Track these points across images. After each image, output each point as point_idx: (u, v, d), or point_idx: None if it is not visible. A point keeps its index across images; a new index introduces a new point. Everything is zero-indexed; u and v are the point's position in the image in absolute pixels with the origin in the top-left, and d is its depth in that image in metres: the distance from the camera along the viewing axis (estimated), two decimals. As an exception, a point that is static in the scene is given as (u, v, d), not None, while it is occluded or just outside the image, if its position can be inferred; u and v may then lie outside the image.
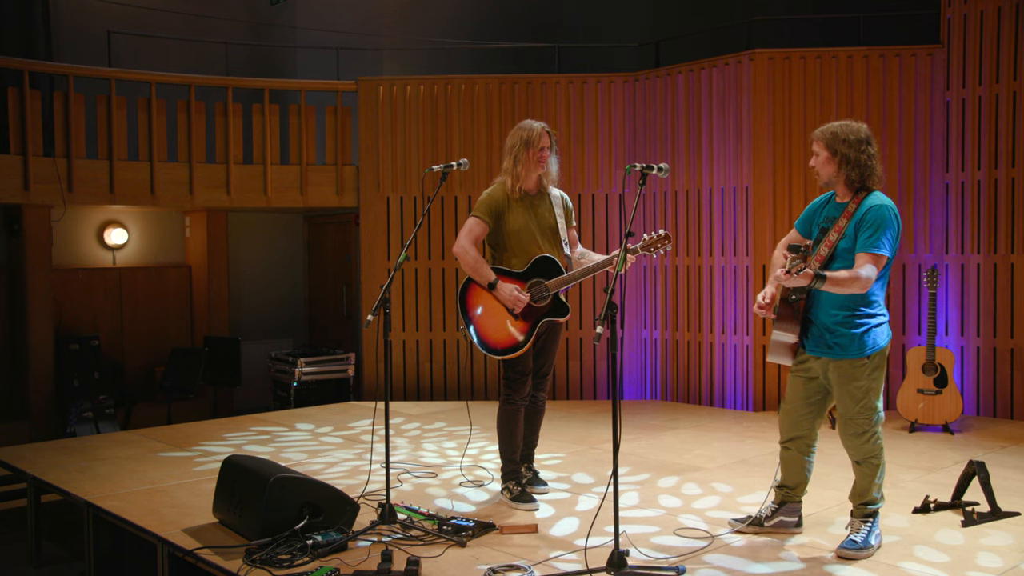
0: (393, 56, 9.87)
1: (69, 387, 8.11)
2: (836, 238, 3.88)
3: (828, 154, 3.92)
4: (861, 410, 3.92)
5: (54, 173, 7.78)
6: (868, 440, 3.94)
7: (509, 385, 4.72)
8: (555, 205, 4.78)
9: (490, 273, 4.60)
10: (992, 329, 7.09)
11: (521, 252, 4.67)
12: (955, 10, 7.31)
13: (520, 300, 4.53)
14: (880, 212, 3.81)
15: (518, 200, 4.70)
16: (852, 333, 3.87)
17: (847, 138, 3.89)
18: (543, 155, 4.70)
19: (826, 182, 3.99)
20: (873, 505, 3.99)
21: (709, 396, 7.82)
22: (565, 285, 4.60)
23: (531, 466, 5.05)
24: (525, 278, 4.64)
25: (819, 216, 4.08)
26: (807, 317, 3.97)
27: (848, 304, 3.86)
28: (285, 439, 6.55)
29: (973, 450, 5.89)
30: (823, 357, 3.97)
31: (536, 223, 4.71)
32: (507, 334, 4.59)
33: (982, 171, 7.15)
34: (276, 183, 8.60)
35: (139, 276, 9.32)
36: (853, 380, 3.90)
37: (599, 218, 8.23)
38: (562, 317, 4.67)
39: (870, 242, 3.78)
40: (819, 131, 3.99)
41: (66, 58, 9.00)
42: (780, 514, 4.24)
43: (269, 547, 3.84)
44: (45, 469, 5.46)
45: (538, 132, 4.68)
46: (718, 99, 7.74)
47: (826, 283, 3.66)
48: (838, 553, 3.90)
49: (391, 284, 4.44)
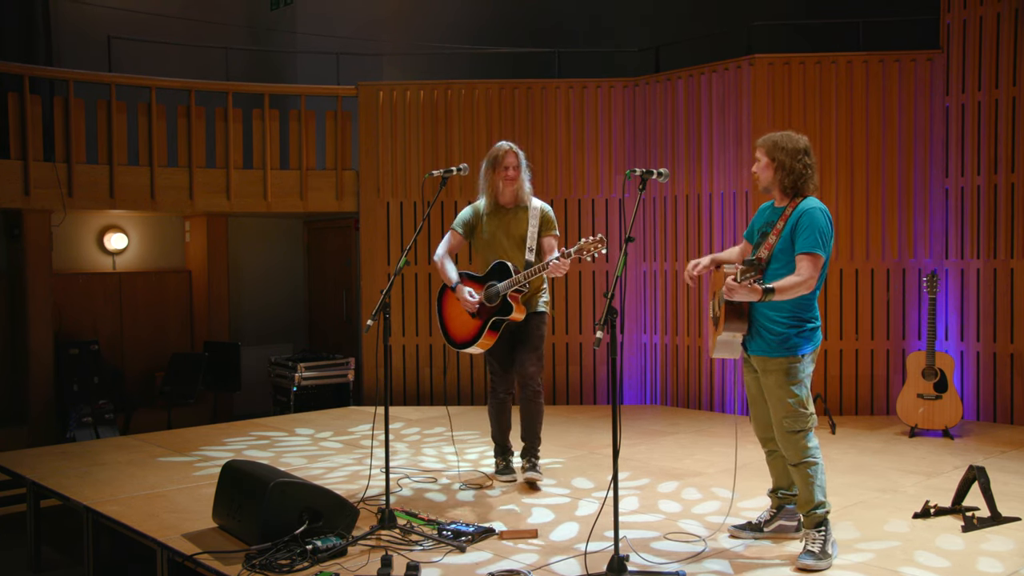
0: (393, 61, 9.88)
1: (69, 392, 8.10)
2: (774, 241, 4.02)
3: (767, 160, 4.09)
4: (790, 411, 3.96)
5: (54, 178, 7.79)
6: (799, 440, 3.97)
7: (491, 375, 5.34)
8: (531, 216, 5.16)
9: (452, 277, 5.14)
10: (992, 334, 7.09)
11: (489, 258, 5.19)
12: (955, 16, 7.32)
13: (468, 301, 5.02)
14: (812, 215, 3.95)
15: (490, 213, 5.20)
16: (782, 333, 3.97)
17: (785, 146, 4.05)
18: (507, 174, 5.12)
19: (765, 187, 4.14)
20: (821, 510, 3.95)
21: (709, 401, 7.82)
22: (511, 288, 4.97)
23: (530, 459, 5.28)
24: (483, 281, 5.13)
25: (759, 222, 4.23)
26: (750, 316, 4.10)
27: (778, 306, 3.96)
28: (285, 444, 6.54)
29: (973, 455, 5.88)
30: (759, 355, 4.05)
31: (505, 232, 5.17)
32: (466, 330, 5.14)
33: (982, 176, 7.16)
34: (276, 188, 8.61)
35: (139, 281, 9.32)
36: (782, 383, 3.97)
37: (599, 223, 8.23)
38: (506, 315, 5.01)
39: (807, 243, 3.91)
40: (761, 139, 4.16)
41: (66, 63, 9.01)
42: (779, 519, 4.26)
43: (269, 552, 3.84)
44: (45, 474, 5.46)
45: (502, 152, 5.13)
46: (718, 104, 7.75)
47: (775, 295, 3.80)
48: (797, 566, 3.82)
49: (391, 289, 4.46)
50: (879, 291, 7.42)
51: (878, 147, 7.41)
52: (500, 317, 5.00)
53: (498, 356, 5.22)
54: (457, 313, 5.19)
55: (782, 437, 4.02)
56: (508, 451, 5.47)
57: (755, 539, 4.21)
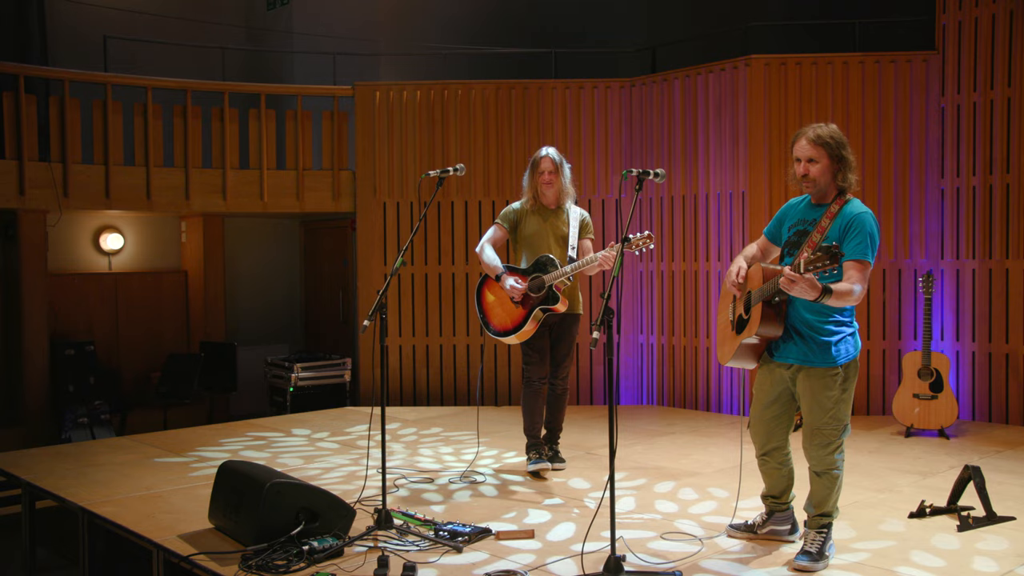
0: (390, 61, 9.87)
1: (64, 393, 8.08)
2: (819, 239, 3.76)
3: (828, 161, 3.77)
4: (830, 420, 3.81)
5: (50, 178, 7.78)
6: (833, 451, 3.84)
7: (526, 364, 5.46)
8: (571, 219, 5.48)
9: (499, 266, 5.36)
10: (987, 334, 7.10)
11: (532, 253, 5.42)
12: (950, 17, 7.33)
13: (515, 288, 5.22)
14: (864, 219, 3.72)
15: (534, 212, 5.49)
16: (826, 341, 3.77)
17: (839, 140, 3.78)
18: (544, 178, 5.43)
19: (819, 190, 3.82)
20: (829, 517, 3.91)
21: (706, 401, 7.82)
22: (557, 279, 5.21)
23: (552, 446, 5.64)
24: (528, 273, 5.34)
25: (791, 218, 3.97)
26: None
27: (823, 310, 3.74)
28: (281, 444, 6.54)
29: (968, 455, 5.89)
30: (794, 364, 3.86)
31: (549, 230, 5.44)
32: (509, 319, 5.32)
33: (977, 177, 7.17)
34: (272, 188, 8.60)
35: (135, 281, 9.30)
36: (825, 390, 3.80)
37: (596, 223, 8.16)
38: (552, 305, 5.23)
39: (860, 249, 3.68)
40: (811, 136, 3.79)
41: (62, 63, 8.99)
42: (771, 523, 4.20)
43: (265, 553, 3.83)
44: (40, 475, 5.45)
45: (539, 159, 5.47)
46: (714, 105, 7.76)
47: (832, 297, 3.51)
48: (793, 566, 3.80)
49: (387, 289, 4.45)
50: (875, 291, 7.43)
51: (874, 148, 7.42)
52: (545, 306, 5.21)
53: (536, 346, 5.42)
54: (499, 302, 5.37)
55: (813, 445, 3.85)
56: (541, 445, 5.58)
57: (749, 539, 4.20)
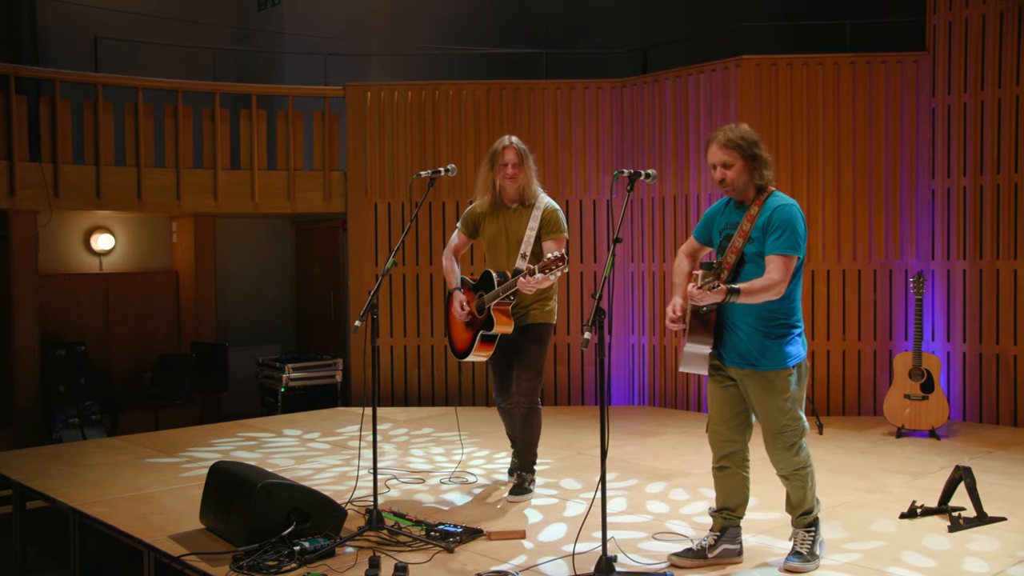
0: (381, 62, 9.87)
1: (55, 393, 8.05)
2: (742, 243, 3.72)
3: (743, 163, 3.70)
4: (789, 422, 3.73)
5: (40, 178, 7.75)
6: (797, 452, 3.76)
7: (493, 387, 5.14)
8: (532, 218, 4.79)
9: (451, 282, 4.97)
10: (978, 335, 7.13)
11: (491, 260, 4.96)
12: (940, 17, 7.36)
13: (458, 311, 4.82)
14: (786, 213, 3.65)
15: (491, 212, 4.92)
16: (772, 344, 3.70)
17: (751, 140, 3.70)
18: (507, 171, 4.78)
19: (740, 192, 3.76)
20: (811, 513, 3.85)
21: (697, 401, 7.83)
22: (495, 299, 4.66)
23: (521, 472, 5.08)
24: (475, 290, 4.88)
25: (719, 223, 3.90)
26: (724, 325, 3.77)
27: (765, 313, 3.69)
28: (272, 445, 6.52)
29: (959, 455, 5.91)
30: (743, 368, 3.77)
31: (503, 234, 4.89)
32: (462, 340, 4.93)
33: (967, 177, 7.19)
34: (264, 188, 8.58)
35: (126, 281, 9.27)
36: (780, 393, 3.71)
37: (587, 224, 8.24)
38: (489, 330, 4.67)
39: (779, 243, 3.62)
40: (722, 140, 3.72)
41: (53, 63, 8.96)
42: (723, 542, 3.92)
43: (256, 553, 3.83)
44: (30, 475, 5.43)
45: (502, 148, 4.80)
46: (705, 105, 7.77)
47: (740, 296, 3.54)
48: (784, 568, 3.77)
49: (379, 290, 4.45)
50: (866, 292, 7.45)
51: (864, 148, 7.44)
52: (485, 331, 4.72)
53: (495, 367, 5.00)
54: (457, 321, 4.95)
55: (777, 450, 3.78)
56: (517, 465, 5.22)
57: (698, 568, 3.85)
